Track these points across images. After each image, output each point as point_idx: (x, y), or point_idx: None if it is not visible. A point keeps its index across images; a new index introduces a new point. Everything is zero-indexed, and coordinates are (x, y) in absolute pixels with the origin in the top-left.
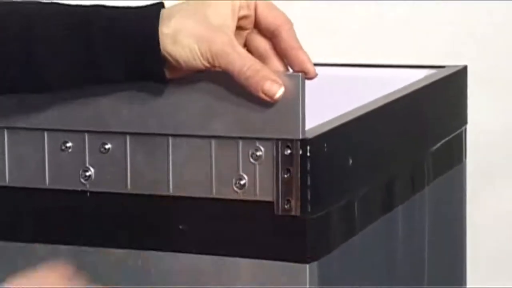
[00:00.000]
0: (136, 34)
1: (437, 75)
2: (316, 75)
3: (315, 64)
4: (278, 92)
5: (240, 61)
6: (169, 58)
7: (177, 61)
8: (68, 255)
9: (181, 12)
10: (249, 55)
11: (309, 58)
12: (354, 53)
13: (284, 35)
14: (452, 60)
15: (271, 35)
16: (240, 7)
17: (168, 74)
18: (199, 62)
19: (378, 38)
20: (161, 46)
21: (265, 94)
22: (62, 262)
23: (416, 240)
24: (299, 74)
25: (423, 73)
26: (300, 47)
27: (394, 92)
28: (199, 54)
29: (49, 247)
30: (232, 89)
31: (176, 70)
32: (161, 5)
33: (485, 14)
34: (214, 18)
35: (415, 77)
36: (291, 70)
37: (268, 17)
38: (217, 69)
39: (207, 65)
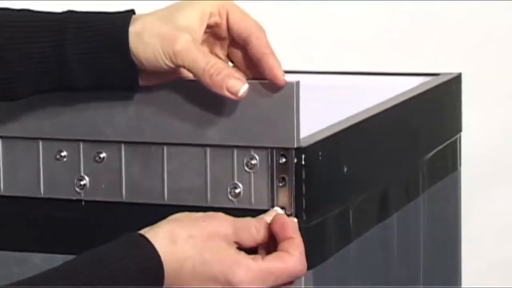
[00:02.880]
0: (107, 33)
1: (432, 83)
2: (284, 82)
3: (309, 72)
4: (242, 89)
5: (203, 60)
6: (134, 58)
7: (140, 61)
8: None
9: (150, 15)
10: (211, 55)
11: (279, 64)
12: (349, 61)
13: (255, 42)
14: (446, 67)
15: (243, 43)
16: (211, 14)
17: (141, 81)
18: (162, 62)
19: (373, 46)
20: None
21: (229, 91)
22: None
23: (411, 248)
24: (294, 83)
25: (417, 80)
26: (271, 53)
27: (388, 100)
28: (161, 53)
29: (44, 256)
30: (227, 98)
31: (148, 76)
32: (132, 11)
33: (480, 21)
34: (181, 20)
35: (410, 85)
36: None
37: (239, 25)
38: (181, 69)
39: (170, 64)
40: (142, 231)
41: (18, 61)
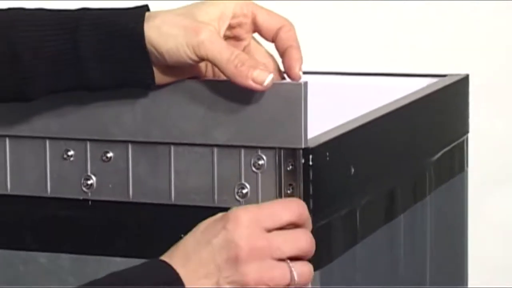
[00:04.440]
0: (122, 28)
1: (439, 84)
2: (299, 77)
3: (317, 73)
4: (267, 79)
5: (228, 50)
6: (154, 51)
7: (161, 53)
8: (69, 264)
9: (167, 11)
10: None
11: (299, 58)
12: (356, 62)
13: (283, 35)
14: (454, 68)
15: (272, 39)
16: (234, 15)
17: (156, 79)
18: (184, 54)
19: (381, 47)
20: (146, 40)
21: (255, 81)
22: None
23: (418, 248)
24: (301, 83)
25: (425, 82)
26: (295, 46)
27: (396, 101)
28: (184, 44)
29: (51, 255)
30: (235, 98)
31: (164, 73)
32: (146, 7)
33: (487, 23)
34: (200, 16)
35: (417, 86)
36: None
37: (270, 20)
38: (197, 66)
39: (193, 56)
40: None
41: (33, 60)
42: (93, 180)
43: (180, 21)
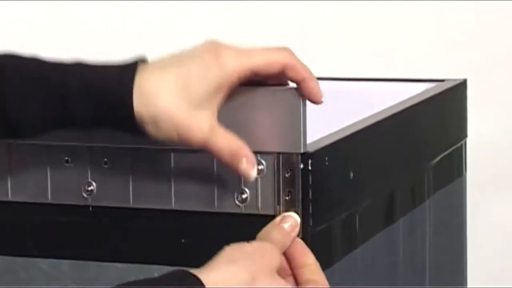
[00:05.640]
0: (111, 101)
1: (437, 89)
2: (321, 102)
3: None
4: (252, 173)
5: (220, 146)
6: (148, 132)
7: (155, 138)
8: (70, 270)
9: (163, 79)
10: (228, 136)
11: (315, 86)
12: (354, 67)
13: (289, 73)
14: (452, 73)
15: (277, 78)
16: (232, 83)
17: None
18: (178, 143)
19: (378, 52)
20: (137, 117)
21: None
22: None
23: (417, 253)
24: (300, 88)
25: (423, 86)
26: (308, 78)
27: (394, 106)
28: (177, 141)
29: (52, 261)
30: (234, 104)
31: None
32: (136, 65)
33: (485, 28)
34: (200, 87)
35: (415, 91)
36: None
37: (269, 70)
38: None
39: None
40: (197, 272)
41: (21, 113)
42: (93, 186)
43: (174, 116)
